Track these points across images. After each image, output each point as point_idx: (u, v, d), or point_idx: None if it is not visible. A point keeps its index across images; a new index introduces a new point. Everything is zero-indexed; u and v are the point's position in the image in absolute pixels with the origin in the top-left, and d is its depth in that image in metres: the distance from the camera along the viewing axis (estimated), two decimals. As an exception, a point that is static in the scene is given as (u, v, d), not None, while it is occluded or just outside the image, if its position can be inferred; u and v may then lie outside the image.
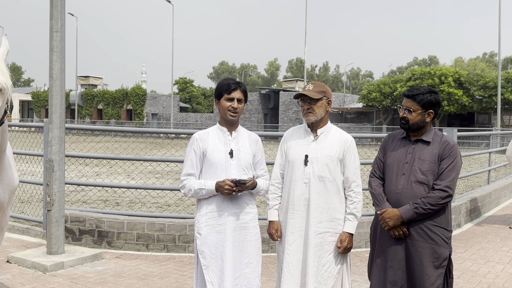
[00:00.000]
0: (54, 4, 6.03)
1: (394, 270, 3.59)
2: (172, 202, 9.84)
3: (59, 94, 6.06)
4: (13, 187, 3.41)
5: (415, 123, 3.63)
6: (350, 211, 3.67)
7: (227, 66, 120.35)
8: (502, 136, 22.75)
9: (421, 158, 3.59)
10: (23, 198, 9.87)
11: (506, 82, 38.11)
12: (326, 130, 3.73)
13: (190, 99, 70.78)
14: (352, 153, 3.73)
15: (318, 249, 3.59)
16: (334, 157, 3.65)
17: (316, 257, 3.58)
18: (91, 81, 61.32)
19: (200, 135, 3.68)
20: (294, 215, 3.67)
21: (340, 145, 3.69)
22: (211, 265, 3.55)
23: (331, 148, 3.67)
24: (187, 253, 6.42)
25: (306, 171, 3.65)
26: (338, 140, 3.71)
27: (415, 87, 3.71)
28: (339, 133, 3.77)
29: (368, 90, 45.02)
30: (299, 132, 3.82)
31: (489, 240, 7.62)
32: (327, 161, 3.64)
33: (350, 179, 3.68)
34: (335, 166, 3.65)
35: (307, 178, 3.64)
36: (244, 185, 3.48)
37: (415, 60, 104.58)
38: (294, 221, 3.67)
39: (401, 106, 3.69)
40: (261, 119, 52.77)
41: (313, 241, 3.59)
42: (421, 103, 3.62)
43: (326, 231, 3.62)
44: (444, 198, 3.48)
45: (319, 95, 3.65)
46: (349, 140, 3.74)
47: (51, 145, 6.04)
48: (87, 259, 6.03)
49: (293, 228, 3.66)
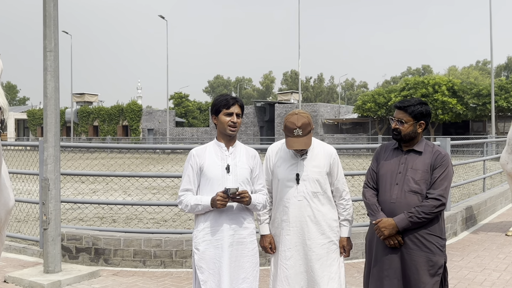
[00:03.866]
0: (47, 24, 6.09)
1: (390, 280, 3.63)
2: (169, 218, 9.84)
3: (54, 113, 6.10)
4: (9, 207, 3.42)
5: (407, 134, 3.71)
6: (344, 217, 3.88)
7: (222, 80, 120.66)
8: (497, 144, 22.86)
9: (414, 168, 3.65)
10: (20, 217, 9.85)
11: (500, 89, 38.39)
12: (311, 148, 3.83)
13: (185, 113, 70.90)
14: (338, 165, 3.88)
15: (325, 259, 3.74)
16: (323, 172, 3.80)
17: (325, 267, 3.73)
18: (87, 98, 61.42)
19: (197, 151, 3.72)
20: (290, 231, 3.77)
21: (326, 160, 3.82)
22: (209, 280, 3.56)
23: (319, 164, 3.79)
24: (184, 268, 6.42)
25: (299, 189, 3.76)
26: (323, 154, 3.83)
27: (406, 99, 3.83)
28: (322, 146, 3.88)
29: (362, 100, 45.24)
30: (285, 150, 3.86)
31: (485, 248, 7.65)
32: (317, 177, 3.77)
33: (341, 189, 3.87)
34: (324, 180, 3.80)
35: (301, 196, 3.76)
36: (235, 194, 3.47)
37: (409, 70, 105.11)
38: (290, 238, 3.77)
39: (393, 118, 3.77)
40: (257, 132, 52.86)
41: (318, 252, 3.73)
42: (413, 115, 3.70)
43: (330, 240, 3.79)
44: (437, 207, 3.55)
45: (310, 137, 3.73)
46: (333, 153, 3.87)
47: (46, 163, 6.06)
48: (84, 277, 6.02)
49: (290, 244, 3.77)
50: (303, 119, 3.68)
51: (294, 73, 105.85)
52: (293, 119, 3.68)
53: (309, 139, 3.70)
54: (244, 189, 3.53)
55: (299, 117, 3.69)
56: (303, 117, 3.69)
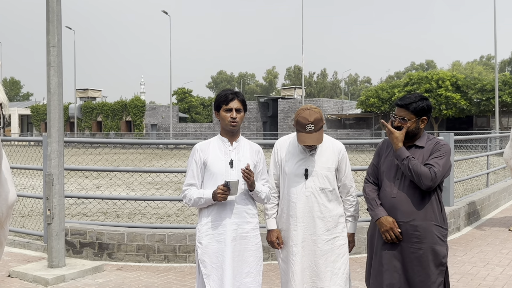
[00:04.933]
0: (50, 20, 6.10)
1: (391, 273, 3.62)
2: (172, 213, 9.87)
3: (57, 108, 6.11)
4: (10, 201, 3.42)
5: (411, 131, 3.68)
6: (351, 213, 3.89)
7: (225, 75, 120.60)
8: (501, 139, 22.79)
9: None
10: (24, 213, 9.89)
11: (504, 84, 38.24)
12: None
13: (189, 109, 70.91)
14: (346, 161, 3.86)
15: (330, 255, 3.73)
16: (332, 168, 3.78)
17: (329, 263, 3.73)
18: (90, 94, 61.53)
19: (201, 146, 3.74)
20: (297, 226, 3.75)
21: (335, 156, 3.80)
22: (212, 274, 3.57)
23: (327, 160, 3.77)
24: (187, 263, 6.45)
25: (307, 185, 3.74)
26: (332, 150, 3.80)
27: (407, 96, 3.76)
28: (331, 142, 3.85)
29: (366, 96, 45.13)
30: (293, 144, 3.84)
31: (489, 243, 7.64)
32: (326, 173, 3.75)
33: (348, 185, 3.86)
34: (333, 177, 3.79)
35: (309, 192, 3.74)
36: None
37: (413, 65, 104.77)
38: (297, 233, 3.75)
39: (395, 116, 3.73)
40: (260, 128, 52.85)
41: (323, 248, 3.72)
42: (415, 111, 3.66)
43: (335, 236, 3.78)
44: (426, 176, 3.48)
45: (322, 133, 3.69)
46: (342, 149, 3.85)
47: (50, 159, 6.08)
48: (88, 271, 6.05)
49: (297, 239, 3.75)
50: (316, 115, 3.63)
51: (298, 68, 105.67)
52: (305, 114, 3.63)
53: (321, 134, 3.67)
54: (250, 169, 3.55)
55: (311, 112, 3.64)
56: (315, 112, 3.65)
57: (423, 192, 3.59)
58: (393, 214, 3.63)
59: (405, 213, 3.59)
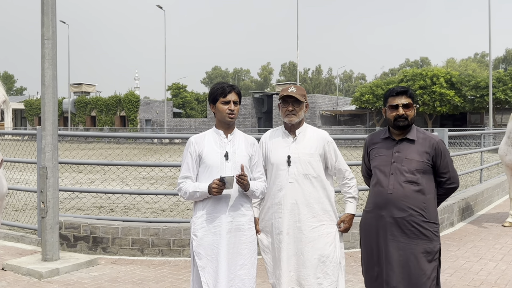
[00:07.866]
0: (45, 12, 6.06)
1: (386, 269, 3.63)
2: (167, 207, 9.86)
3: (52, 101, 6.09)
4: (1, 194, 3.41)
5: (412, 118, 3.69)
6: (351, 194, 3.94)
7: (220, 71, 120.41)
8: (495, 136, 22.92)
9: (409, 158, 3.62)
10: (17, 206, 9.86)
11: (497, 81, 38.40)
12: (303, 130, 3.89)
13: (183, 104, 70.79)
14: (334, 147, 3.92)
15: (316, 242, 3.73)
16: (315, 154, 3.82)
17: (315, 250, 3.72)
18: (84, 88, 61.20)
19: (196, 138, 3.74)
20: (282, 214, 3.78)
21: (319, 142, 3.85)
22: (207, 266, 3.58)
23: (311, 146, 3.83)
24: (182, 257, 6.45)
25: (290, 171, 3.78)
26: (316, 138, 3.87)
27: (398, 86, 3.81)
28: (315, 131, 3.93)
29: (361, 92, 45.23)
30: (277, 134, 3.94)
31: (482, 238, 7.69)
32: (309, 159, 3.80)
33: (343, 169, 3.93)
34: (317, 163, 3.82)
35: (292, 178, 3.77)
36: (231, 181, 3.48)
37: (407, 62, 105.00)
38: (282, 220, 3.78)
39: (397, 104, 3.66)
40: (255, 123, 52.85)
41: (309, 235, 3.73)
42: (412, 97, 3.71)
43: (322, 224, 3.78)
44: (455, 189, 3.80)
45: (303, 99, 3.81)
46: (326, 136, 3.92)
47: (44, 152, 6.06)
48: (82, 265, 6.04)
49: (282, 227, 3.77)
50: (300, 87, 3.86)
51: (292, 64, 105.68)
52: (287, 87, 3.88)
53: (302, 99, 3.79)
54: (244, 173, 3.55)
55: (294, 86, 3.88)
56: (298, 87, 3.86)
57: (419, 188, 3.59)
58: (389, 209, 3.62)
59: (401, 209, 3.59)
